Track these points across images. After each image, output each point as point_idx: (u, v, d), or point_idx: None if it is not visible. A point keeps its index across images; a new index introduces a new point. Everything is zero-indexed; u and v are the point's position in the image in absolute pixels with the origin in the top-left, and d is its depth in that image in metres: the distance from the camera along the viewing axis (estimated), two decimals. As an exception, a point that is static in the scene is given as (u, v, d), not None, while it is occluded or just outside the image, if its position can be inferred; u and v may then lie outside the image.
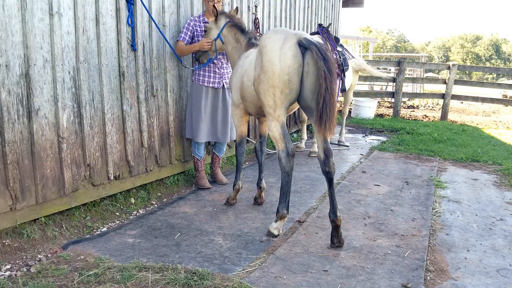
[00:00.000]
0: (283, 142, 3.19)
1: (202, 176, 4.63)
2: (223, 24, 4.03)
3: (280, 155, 3.22)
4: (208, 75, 4.43)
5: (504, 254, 3.18)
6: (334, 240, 3.18)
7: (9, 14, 2.83)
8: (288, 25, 7.30)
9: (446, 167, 5.94)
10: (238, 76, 3.76)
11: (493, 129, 10.14)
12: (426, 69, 22.14)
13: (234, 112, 3.91)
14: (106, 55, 3.60)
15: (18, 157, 2.97)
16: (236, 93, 3.80)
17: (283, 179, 3.28)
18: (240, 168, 4.02)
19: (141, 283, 2.55)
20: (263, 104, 3.25)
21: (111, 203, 3.84)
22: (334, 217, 3.14)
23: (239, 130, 3.94)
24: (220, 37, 4.07)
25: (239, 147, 3.99)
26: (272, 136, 3.25)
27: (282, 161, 3.22)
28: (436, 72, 31.02)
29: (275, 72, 3.06)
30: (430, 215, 3.91)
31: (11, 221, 2.97)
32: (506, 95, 17.58)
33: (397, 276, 2.75)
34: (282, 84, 3.07)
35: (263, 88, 3.16)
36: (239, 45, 3.98)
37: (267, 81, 3.11)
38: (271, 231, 3.35)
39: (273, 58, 3.06)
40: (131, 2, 3.76)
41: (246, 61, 3.73)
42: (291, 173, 3.24)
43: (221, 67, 4.46)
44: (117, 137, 3.81)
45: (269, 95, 3.14)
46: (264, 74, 3.12)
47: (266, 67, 3.09)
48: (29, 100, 3.02)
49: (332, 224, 3.17)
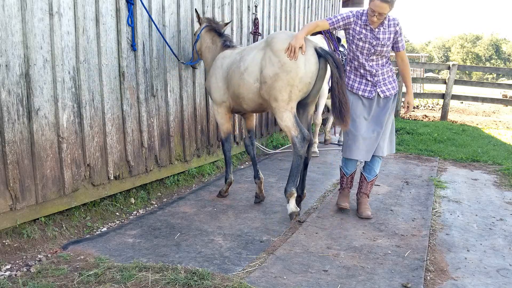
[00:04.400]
0: (296, 129, 3.47)
1: (344, 194, 4.08)
2: (202, 27, 4.33)
3: (294, 140, 3.47)
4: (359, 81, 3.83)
5: (504, 254, 3.18)
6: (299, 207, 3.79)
7: (9, 14, 2.83)
8: (288, 25, 7.31)
9: (446, 167, 5.94)
10: (219, 76, 3.98)
11: (493, 129, 10.14)
12: (426, 69, 22.15)
13: (218, 110, 4.11)
14: (106, 55, 3.60)
15: (18, 157, 2.97)
16: (218, 92, 4.01)
17: (294, 162, 3.51)
18: (229, 163, 4.26)
19: (141, 283, 2.55)
20: (275, 98, 3.48)
21: (111, 203, 3.84)
22: (301, 192, 3.85)
23: (224, 127, 4.15)
24: (198, 39, 4.34)
25: (226, 143, 4.22)
26: (284, 126, 3.50)
27: (297, 146, 3.47)
28: (436, 72, 31.03)
29: (299, 74, 3.41)
30: (430, 215, 3.91)
31: (11, 221, 2.97)
32: (506, 95, 17.58)
33: (397, 276, 2.75)
34: (302, 85, 3.45)
35: (279, 85, 3.43)
36: (214, 46, 4.24)
37: (287, 80, 3.41)
38: (293, 211, 3.55)
39: (299, 61, 3.41)
40: (131, 2, 3.76)
41: (226, 61, 3.95)
42: (304, 157, 3.53)
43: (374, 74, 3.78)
44: (117, 137, 3.81)
45: (285, 91, 3.44)
46: (286, 73, 3.41)
47: (290, 68, 3.40)
48: (29, 100, 3.02)
49: (297, 199, 3.82)
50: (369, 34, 3.64)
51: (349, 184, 4.06)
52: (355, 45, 3.70)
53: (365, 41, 3.64)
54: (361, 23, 3.66)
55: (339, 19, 3.68)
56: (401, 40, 3.74)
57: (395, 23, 3.68)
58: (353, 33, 3.70)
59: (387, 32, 3.65)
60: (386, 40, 3.64)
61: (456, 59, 59.26)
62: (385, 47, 3.65)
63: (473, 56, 64.43)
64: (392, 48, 3.75)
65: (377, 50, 3.65)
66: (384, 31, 3.65)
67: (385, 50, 3.68)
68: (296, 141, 3.47)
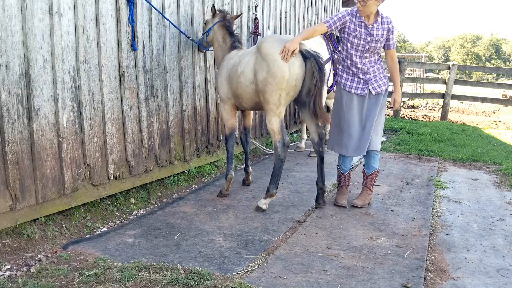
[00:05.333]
0: (280, 134, 3.73)
1: (342, 192, 4.18)
2: (215, 21, 4.38)
3: (276, 145, 3.75)
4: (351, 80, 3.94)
5: (504, 254, 3.18)
6: (320, 201, 4.02)
7: (9, 14, 2.83)
8: (288, 25, 7.31)
9: (446, 167, 5.94)
10: (224, 75, 4.14)
11: (493, 129, 10.14)
12: (426, 69, 22.15)
13: (224, 107, 4.27)
14: (106, 55, 3.60)
15: (18, 157, 2.97)
16: (223, 90, 4.18)
17: (276, 165, 3.79)
18: (231, 159, 4.34)
19: (141, 283, 2.55)
20: (266, 101, 3.68)
21: (111, 203, 3.84)
22: (322, 185, 3.96)
23: (229, 123, 4.29)
24: (209, 32, 4.44)
25: (229, 139, 4.33)
26: (270, 129, 3.74)
27: (278, 150, 3.75)
28: (436, 72, 31.03)
29: (285, 77, 3.56)
30: (430, 215, 3.91)
31: (11, 221, 2.97)
32: (506, 95, 17.57)
33: (397, 276, 2.75)
34: (289, 88, 3.61)
35: (270, 89, 3.62)
36: (224, 45, 4.35)
37: (276, 84, 3.58)
38: (260, 206, 3.88)
39: (283, 66, 3.56)
40: (132, 1, 3.76)
41: (230, 62, 4.11)
42: (284, 160, 3.79)
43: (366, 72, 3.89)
44: (117, 137, 3.81)
45: (275, 95, 3.62)
46: (273, 78, 3.58)
47: (276, 73, 3.56)
48: (29, 100, 3.02)
49: (320, 191, 3.99)
50: (364, 30, 3.76)
51: (346, 182, 4.19)
52: (350, 42, 3.81)
53: (360, 38, 3.76)
54: (355, 20, 3.77)
55: (335, 20, 3.79)
56: (392, 38, 3.88)
57: (388, 21, 3.82)
58: (349, 31, 3.80)
59: (381, 29, 3.78)
60: (380, 37, 3.77)
61: (456, 59, 59.25)
62: (378, 43, 3.79)
63: (473, 56, 64.42)
64: (384, 46, 3.88)
65: (371, 46, 3.77)
66: (377, 28, 3.78)
67: (379, 46, 3.81)
68: (278, 145, 3.74)
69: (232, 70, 4.02)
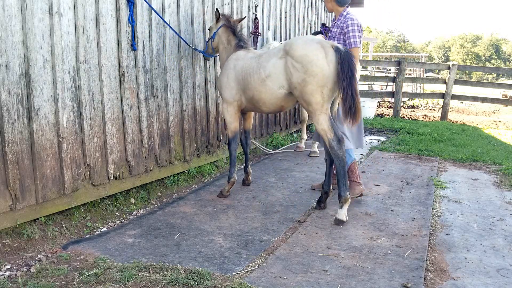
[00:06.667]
0: (332, 132, 3.56)
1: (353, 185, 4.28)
2: (220, 25, 4.35)
3: (331, 144, 3.56)
4: None
5: (504, 254, 3.18)
6: (321, 205, 3.99)
7: (9, 14, 2.83)
8: (288, 25, 7.31)
9: (446, 167, 5.94)
10: (231, 77, 4.09)
11: (493, 129, 10.14)
12: (426, 69, 22.15)
13: (227, 109, 4.19)
14: (106, 55, 3.60)
15: (18, 157, 2.97)
16: (230, 92, 4.11)
17: (338, 165, 3.57)
18: (234, 162, 4.29)
19: (141, 283, 2.55)
20: (309, 102, 3.58)
21: (111, 203, 3.84)
22: (327, 189, 3.96)
23: (232, 126, 4.24)
24: (214, 37, 4.41)
25: (232, 142, 4.28)
26: (321, 129, 3.57)
27: (335, 148, 3.55)
28: (436, 72, 31.01)
29: (325, 74, 3.50)
30: (430, 215, 3.91)
31: (11, 221, 2.97)
32: (506, 95, 17.57)
33: (397, 276, 2.75)
34: (330, 84, 3.53)
35: (310, 89, 3.54)
36: (229, 46, 4.31)
37: (316, 83, 3.51)
38: (340, 218, 3.60)
39: (323, 64, 3.50)
40: (132, 1, 3.76)
41: (239, 63, 4.05)
42: (344, 157, 3.57)
43: None
44: (117, 137, 3.81)
45: (317, 93, 3.54)
46: (313, 77, 3.51)
47: (315, 72, 3.50)
48: (29, 100, 3.02)
49: (325, 195, 3.98)
50: (333, 29, 4.16)
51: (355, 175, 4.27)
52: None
53: (330, 36, 4.16)
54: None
55: (360, 35, 4.07)
56: (348, 38, 4.04)
57: (347, 19, 4.04)
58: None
59: (339, 26, 4.06)
60: (337, 34, 4.07)
61: (456, 59, 59.24)
62: (335, 40, 4.03)
63: (473, 56, 64.42)
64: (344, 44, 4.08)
65: (334, 42, 3.92)
66: (337, 25, 4.09)
67: (340, 43, 4.02)
68: (333, 144, 3.55)
69: (247, 73, 3.93)
